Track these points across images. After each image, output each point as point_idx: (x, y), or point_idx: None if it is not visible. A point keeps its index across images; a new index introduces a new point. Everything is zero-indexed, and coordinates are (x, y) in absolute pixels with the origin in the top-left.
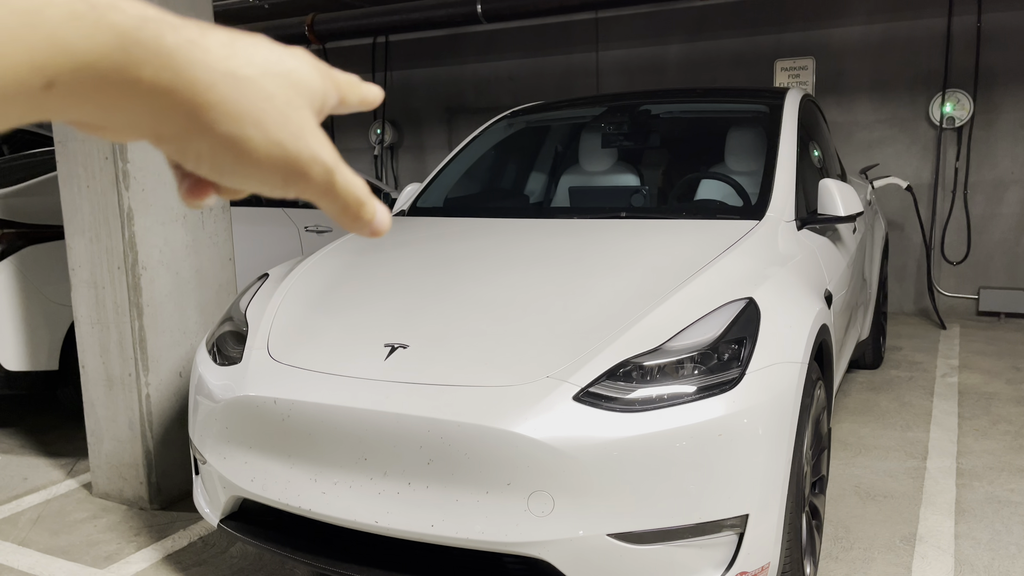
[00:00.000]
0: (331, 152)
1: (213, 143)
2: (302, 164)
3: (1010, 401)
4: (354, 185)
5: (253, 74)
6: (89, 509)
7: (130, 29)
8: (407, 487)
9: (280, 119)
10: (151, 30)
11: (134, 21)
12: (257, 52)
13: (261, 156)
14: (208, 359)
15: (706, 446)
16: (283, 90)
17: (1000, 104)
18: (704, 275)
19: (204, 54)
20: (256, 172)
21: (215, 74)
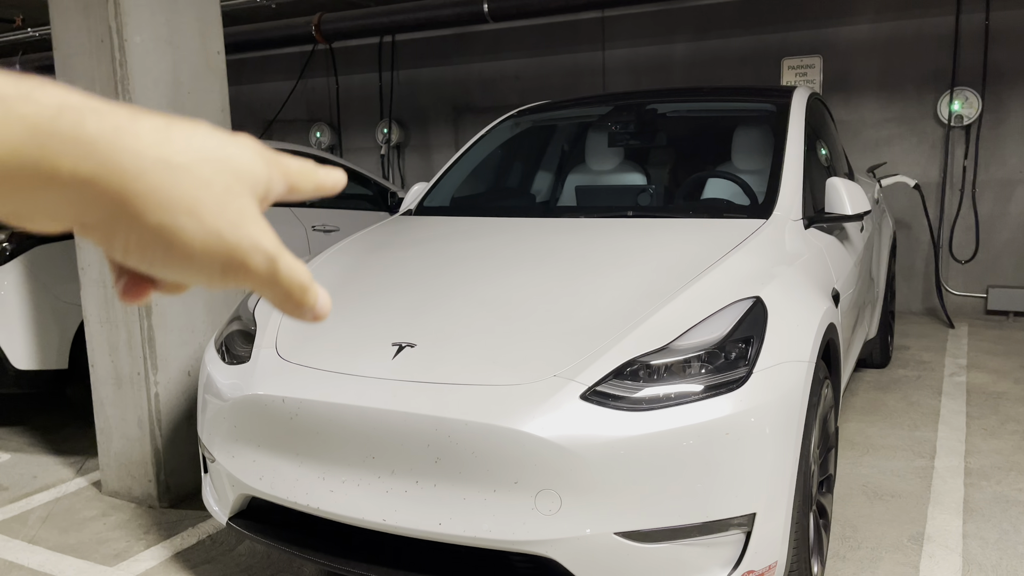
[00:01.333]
0: (273, 240)
1: (142, 233)
2: (241, 254)
3: (1019, 400)
4: (297, 271)
5: (188, 161)
6: (98, 507)
7: (44, 121)
8: (415, 485)
9: (217, 207)
10: (69, 119)
11: (49, 111)
12: (194, 138)
13: (196, 247)
14: (217, 358)
15: (713, 445)
16: (221, 176)
17: (1008, 102)
18: (711, 274)
19: (133, 141)
20: (190, 263)
21: (145, 161)
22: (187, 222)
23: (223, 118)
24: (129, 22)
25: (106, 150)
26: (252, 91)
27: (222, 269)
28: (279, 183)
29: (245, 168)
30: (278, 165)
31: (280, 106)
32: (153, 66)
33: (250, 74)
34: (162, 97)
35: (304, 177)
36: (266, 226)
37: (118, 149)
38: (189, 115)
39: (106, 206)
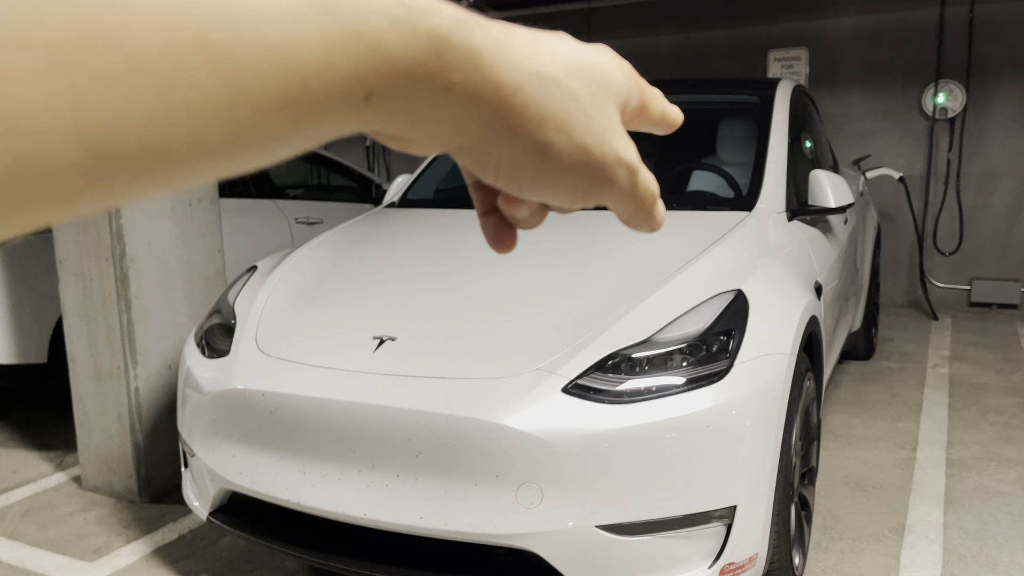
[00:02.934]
0: (633, 151)
1: (515, 150)
2: (607, 169)
3: (1000, 392)
4: (652, 183)
5: (557, 72)
6: (78, 502)
7: (444, 32)
8: (396, 479)
9: (584, 121)
10: (463, 32)
11: (448, 23)
12: (560, 48)
13: (564, 162)
14: (196, 352)
15: (694, 437)
16: (587, 87)
17: (992, 95)
18: (693, 267)
19: (511, 54)
20: (558, 179)
21: (520, 75)
22: (557, 137)
23: None
24: None
25: (489, 64)
26: None
27: (586, 185)
28: (635, 96)
29: (609, 76)
30: (636, 77)
31: None
32: None
33: None
34: None
35: (655, 100)
36: (628, 138)
37: (499, 63)
38: None
39: (486, 123)
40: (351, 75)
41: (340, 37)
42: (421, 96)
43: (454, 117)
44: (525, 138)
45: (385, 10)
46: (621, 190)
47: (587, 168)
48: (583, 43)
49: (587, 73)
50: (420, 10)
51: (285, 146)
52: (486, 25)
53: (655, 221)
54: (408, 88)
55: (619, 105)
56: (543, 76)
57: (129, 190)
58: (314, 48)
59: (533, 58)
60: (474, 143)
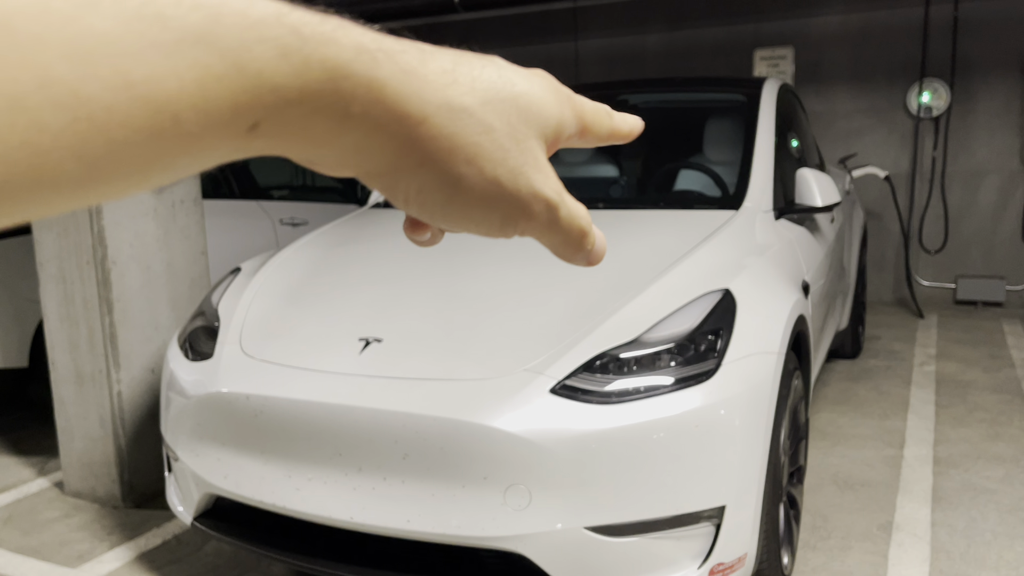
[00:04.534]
0: (554, 186)
1: (423, 181)
2: (522, 203)
3: (986, 389)
4: (577, 217)
5: (472, 103)
6: (61, 508)
7: (343, 63)
8: (382, 482)
9: (498, 154)
10: (364, 62)
11: (348, 53)
12: (482, 75)
13: (475, 195)
14: (180, 355)
15: (683, 438)
16: (505, 120)
17: (977, 94)
18: (680, 266)
19: (420, 84)
20: (469, 212)
21: (429, 106)
22: (466, 171)
23: None
24: None
25: (393, 95)
26: None
27: (501, 219)
28: (571, 123)
29: (534, 107)
30: (572, 103)
31: None
32: None
33: None
34: None
35: (598, 120)
36: (549, 172)
37: (405, 93)
38: None
39: (391, 152)
40: (231, 107)
41: (218, 70)
42: (316, 125)
43: (355, 146)
44: (433, 170)
45: (273, 40)
46: (539, 225)
47: (500, 202)
48: (513, 69)
49: (508, 104)
50: (315, 40)
51: (160, 176)
52: (397, 52)
53: (588, 256)
54: (301, 118)
55: (544, 137)
56: (455, 107)
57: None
58: (185, 81)
59: (447, 87)
60: (380, 171)
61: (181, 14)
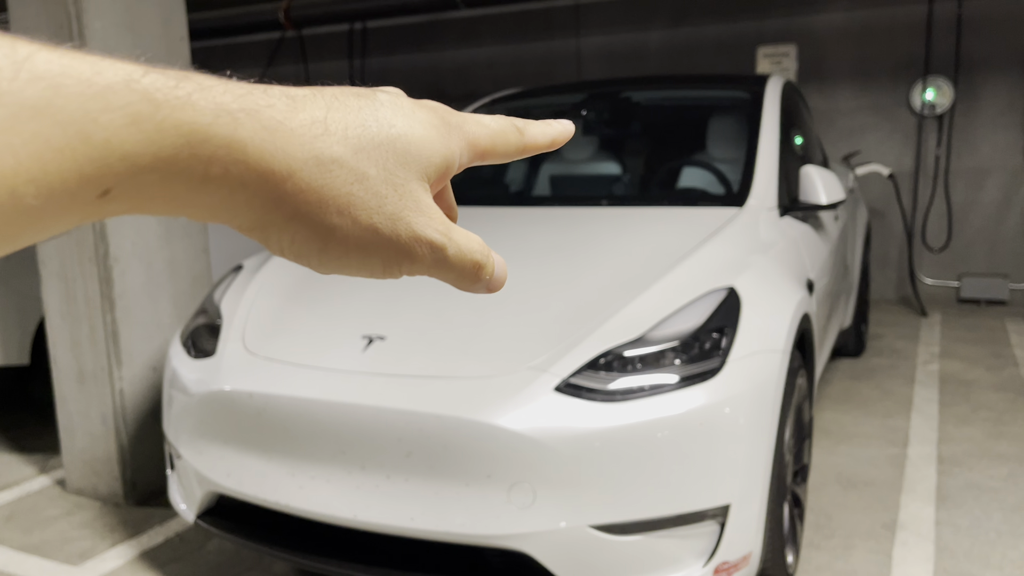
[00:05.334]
0: (438, 227)
1: (295, 233)
2: (401, 248)
3: (990, 388)
4: (468, 252)
5: (342, 153)
6: (63, 506)
7: (200, 127)
8: (386, 480)
9: (373, 202)
10: (224, 124)
11: (206, 117)
12: (357, 120)
13: (351, 245)
14: (182, 352)
15: (687, 436)
16: (381, 166)
17: (980, 91)
18: (685, 264)
19: (286, 139)
20: (346, 259)
21: (295, 161)
22: (339, 221)
23: None
24: (89, 8)
25: (256, 154)
26: None
27: (383, 263)
28: (463, 155)
29: (413, 149)
30: (463, 133)
31: None
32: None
33: (218, 62)
34: None
35: (502, 140)
36: (432, 213)
37: (268, 152)
38: None
39: (258, 209)
40: (76, 177)
41: (58, 142)
42: (174, 188)
43: (220, 205)
44: (304, 222)
45: (123, 108)
46: (425, 265)
47: (379, 249)
48: (397, 108)
49: (383, 150)
50: (169, 105)
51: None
52: (261, 109)
53: (486, 287)
54: (157, 183)
55: (427, 176)
56: (323, 159)
57: None
58: (21, 157)
59: (316, 139)
60: (251, 225)
61: (17, 88)
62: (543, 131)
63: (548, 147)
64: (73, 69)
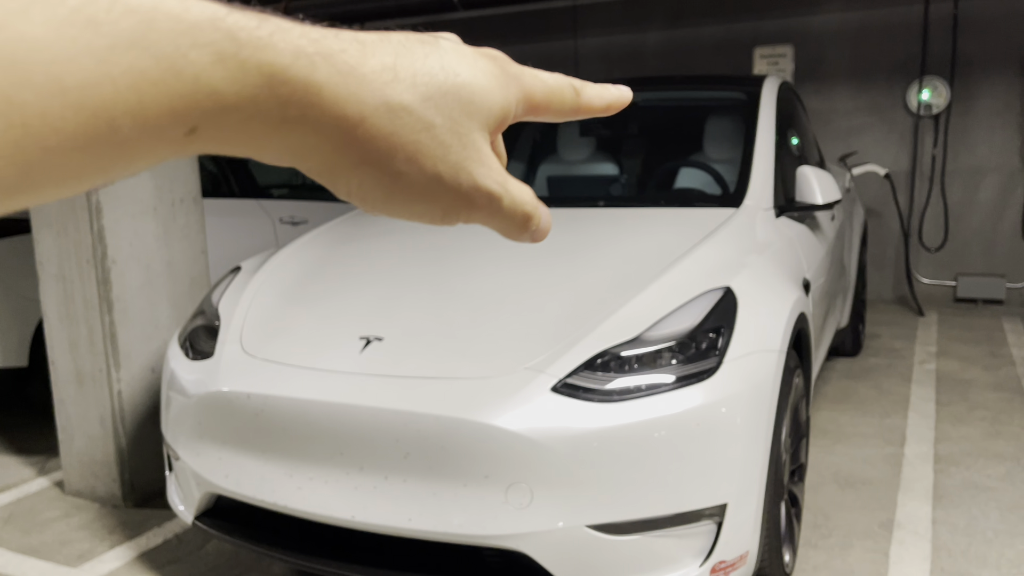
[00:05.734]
0: (497, 177)
1: (363, 179)
2: (463, 197)
3: (987, 387)
4: (521, 203)
5: (411, 101)
6: (61, 507)
7: (280, 68)
8: (384, 481)
9: (438, 151)
10: (302, 66)
11: (286, 59)
12: (424, 67)
13: (415, 192)
14: (180, 354)
15: (684, 436)
16: (447, 114)
17: (977, 91)
18: (682, 264)
19: (358, 85)
20: (410, 205)
21: (367, 107)
22: (406, 168)
23: None
24: None
25: (331, 98)
26: None
27: (443, 211)
28: (519, 106)
29: (476, 98)
30: (520, 84)
31: None
32: None
33: None
34: None
35: (557, 97)
36: (492, 163)
37: (342, 96)
38: None
39: (330, 152)
40: (168, 112)
41: (154, 75)
42: (253, 128)
43: (294, 146)
44: (373, 168)
45: (209, 46)
46: (482, 214)
47: (441, 196)
48: (459, 54)
49: (449, 98)
50: (252, 45)
51: (95, 180)
52: (336, 53)
53: (532, 236)
54: (238, 122)
55: (487, 127)
56: (393, 106)
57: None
58: (120, 87)
59: (387, 85)
60: (320, 169)
61: (113, 19)
62: (600, 94)
63: (603, 111)
64: (163, 3)
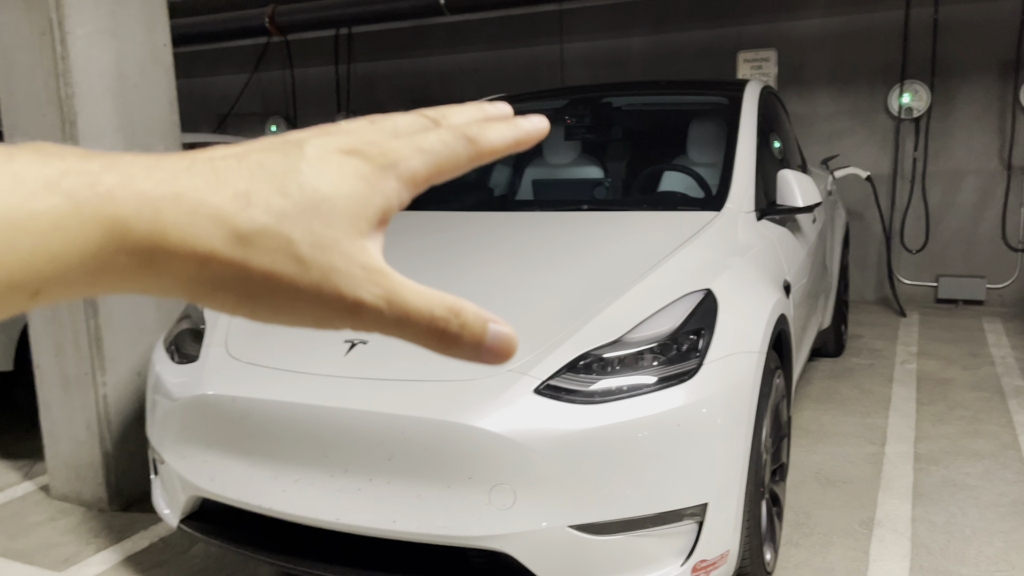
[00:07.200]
0: (372, 288)
1: (223, 301)
2: (331, 310)
3: (966, 387)
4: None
5: (264, 223)
6: (47, 511)
7: (121, 221)
8: (368, 483)
9: (296, 268)
10: (146, 216)
11: (127, 210)
12: (280, 187)
13: (279, 308)
14: (166, 357)
15: (666, 436)
16: (304, 230)
17: (957, 95)
18: (663, 266)
19: (207, 220)
20: (279, 318)
21: (216, 240)
22: (263, 290)
23: (171, 112)
24: (71, 14)
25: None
26: (207, 84)
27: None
28: (401, 194)
29: (339, 209)
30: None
31: (235, 100)
32: (96, 59)
33: (204, 67)
34: (106, 91)
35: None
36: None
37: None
38: (135, 109)
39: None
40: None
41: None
42: (101, 280)
43: (148, 287)
44: (229, 293)
45: (46, 214)
46: (366, 324)
47: (306, 311)
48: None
49: (308, 215)
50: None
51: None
52: (184, 192)
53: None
54: (83, 276)
55: (365, 231)
56: (244, 233)
57: None
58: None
59: (239, 213)
60: (182, 296)
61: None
62: (502, 136)
63: (511, 150)
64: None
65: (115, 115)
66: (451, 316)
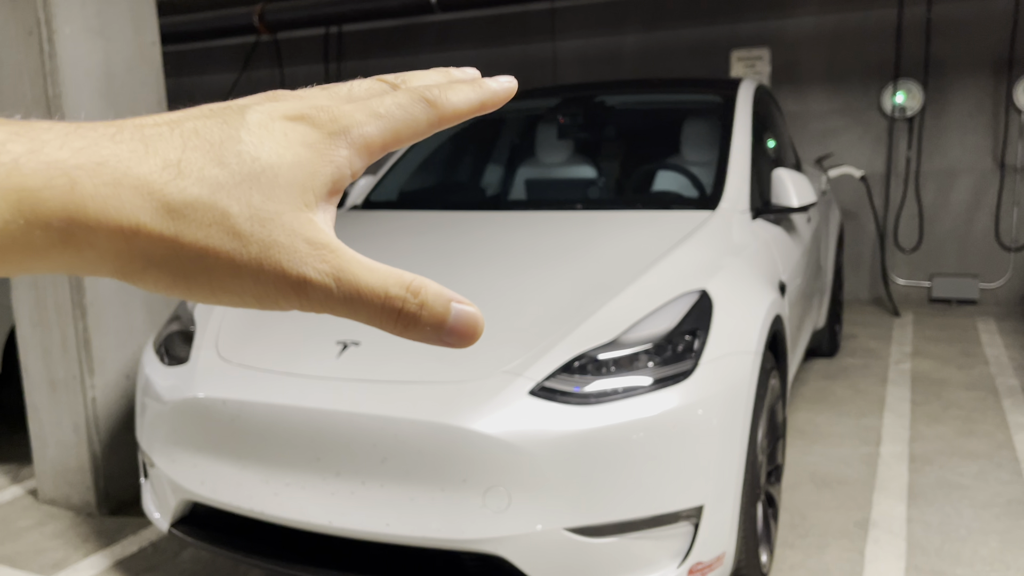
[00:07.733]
0: (318, 263)
1: (156, 279)
2: (272, 286)
3: (961, 386)
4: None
5: (197, 195)
6: (35, 516)
7: (30, 193)
8: (361, 486)
9: (233, 243)
10: (58, 187)
11: (36, 182)
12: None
13: (215, 286)
14: (155, 360)
15: (661, 438)
16: (243, 203)
17: (950, 94)
18: (658, 267)
19: (131, 192)
20: (217, 297)
21: (143, 213)
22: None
23: (159, 111)
24: (58, 13)
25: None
26: (195, 83)
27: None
28: (354, 162)
29: (283, 179)
30: (349, 140)
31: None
32: (84, 58)
33: (193, 65)
34: (94, 90)
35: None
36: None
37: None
38: (123, 108)
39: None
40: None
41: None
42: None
43: (72, 264)
44: (161, 270)
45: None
46: (310, 302)
47: (247, 288)
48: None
49: (246, 186)
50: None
51: None
52: (106, 161)
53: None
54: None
55: (312, 203)
56: (175, 206)
57: None
58: None
59: (168, 184)
60: (112, 274)
61: None
62: (464, 97)
63: (476, 112)
64: None
65: (103, 114)
66: (409, 295)
